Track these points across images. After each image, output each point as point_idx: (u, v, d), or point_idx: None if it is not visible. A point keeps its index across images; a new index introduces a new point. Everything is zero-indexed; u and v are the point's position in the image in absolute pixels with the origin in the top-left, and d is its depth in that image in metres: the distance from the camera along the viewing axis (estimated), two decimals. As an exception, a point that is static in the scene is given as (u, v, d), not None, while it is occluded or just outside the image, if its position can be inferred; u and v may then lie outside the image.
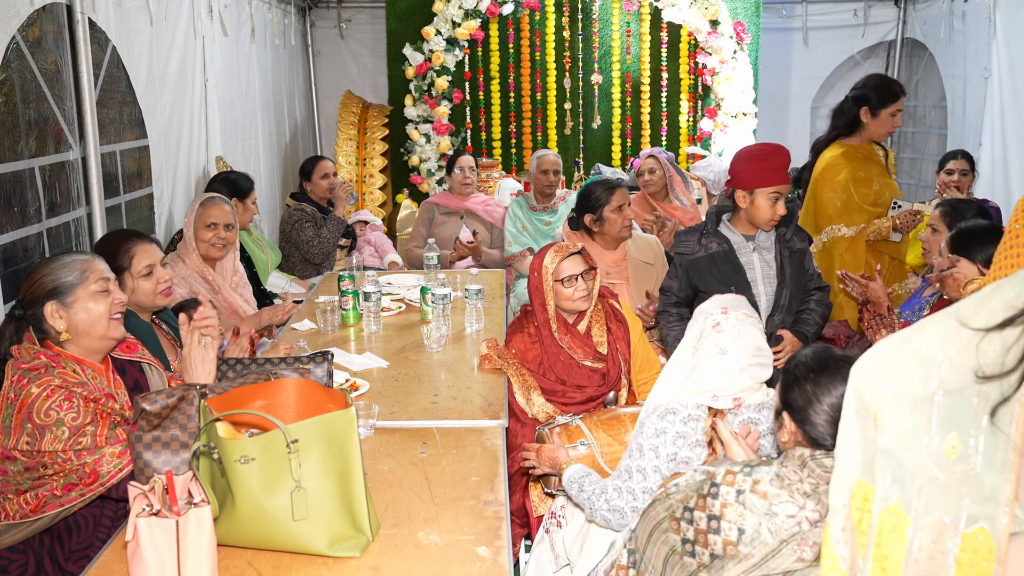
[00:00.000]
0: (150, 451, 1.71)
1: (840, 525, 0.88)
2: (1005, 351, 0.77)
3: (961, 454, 0.78)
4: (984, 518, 0.76)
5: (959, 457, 0.78)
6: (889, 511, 0.82)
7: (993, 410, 0.77)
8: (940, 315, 0.84)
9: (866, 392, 0.86)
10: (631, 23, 5.70)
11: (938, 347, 0.81)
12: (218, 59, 4.30)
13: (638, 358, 2.64)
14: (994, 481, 0.76)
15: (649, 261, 3.42)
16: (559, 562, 2.13)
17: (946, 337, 0.81)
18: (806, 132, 6.16)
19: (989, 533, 0.76)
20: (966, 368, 0.79)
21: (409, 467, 1.97)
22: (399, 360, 2.72)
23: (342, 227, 4.32)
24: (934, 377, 0.80)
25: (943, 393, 0.79)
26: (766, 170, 2.71)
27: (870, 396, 0.85)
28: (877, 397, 0.84)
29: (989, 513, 0.76)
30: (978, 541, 0.77)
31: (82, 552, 1.90)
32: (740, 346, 1.86)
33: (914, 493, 0.80)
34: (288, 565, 1.56)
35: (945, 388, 0.79)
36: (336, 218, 4.28)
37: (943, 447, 0.79)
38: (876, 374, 0.85)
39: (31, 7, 2.68)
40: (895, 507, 0.82)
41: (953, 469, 0.78)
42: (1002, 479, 0.76)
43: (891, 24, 5.96)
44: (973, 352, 0.79)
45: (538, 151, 4.57)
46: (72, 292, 1.91)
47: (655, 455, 1.88)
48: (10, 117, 2.81)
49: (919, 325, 0.86)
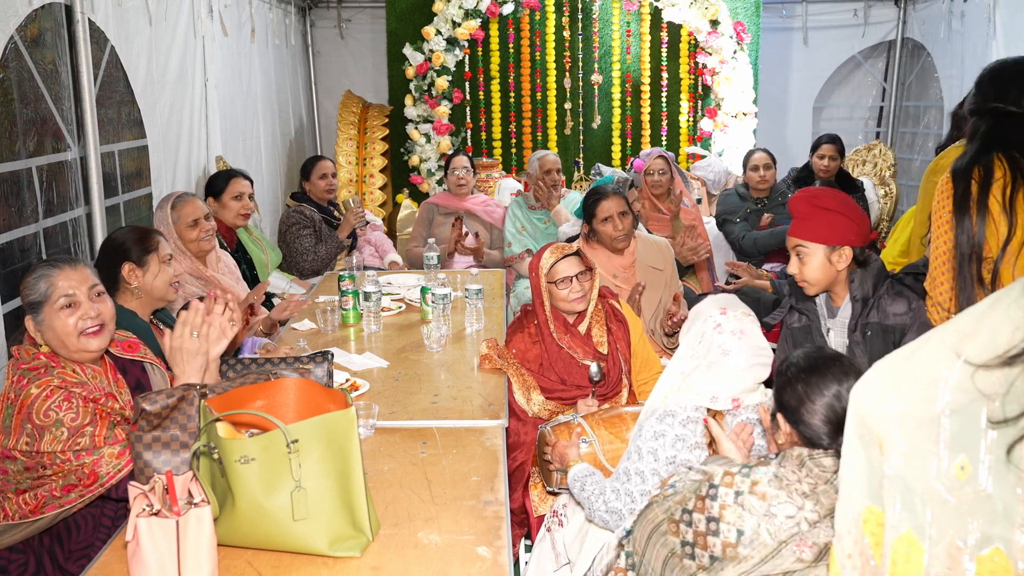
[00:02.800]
0: (150, 451, 1.71)
1: (847, 551, 0.86)
2: (1008, 384, 0.75)
3: (971, 475, 0.76)
4: (999, 539, 0.75)
5: (969, 479, 0.76)
6: (902, 540, 0.80)
7: (1009, 447, 0.75)
8: (934, 339, 0.83)
9: (868, 416, 0.84)
10: (631, 23, 5.70)
11: (937, 369, 0.80)
12: (218, 59, 4.30)
13: (638, 358, 2.64)
14: (1007, 500, 0.74)
15: (658, 267, 3.32)
16: (559, 561, 2.13)
17: (942, 361, 0.80)
18: (806, 132, 6.16)
19: (1005, 554, 0.74)
20: (969, 389, 0.77)
21: (409, 467, 1.96)
22: (399, 360, 2.72)
23: (341, 250, 4.29)
24: (939, 398, 0.78)
25: (949, 413, 0.78)
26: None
27: (873, 420, 0.83)
28: (881, 420, 0.82)
29: (1003, 534, 0.74)
30: (994, 563, 0.75)
31: (82, 552, 1.90)
32: (742, 346, 1.85)
33: (926, 519, 0.78)
34: (288, 565, 1.56)
35: (951, 408, 0.78)
36: (337, 239, 4.23)
37: (952, 470, 0.77)
38: (877, 397, 0.84)
39: (29, 7, 2.68)
40: (907, 535, 0.80)
41: (964, 491, 0.76)
42: (1014, 498, 0.74)
43: (891, 24, 5.96)
44: (970, 381, 0.77)
45: (537, 152, 4.56)
46: (41, 309, 1.88)
47: (654, 458, 1.87)
48: (7, 117, 2.80)
49: (914, 346, 0.84)
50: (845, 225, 2.19)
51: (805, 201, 2.22)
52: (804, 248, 2.22)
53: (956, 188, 2.06)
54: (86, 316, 1.89)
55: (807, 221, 2.20)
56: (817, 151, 4.63)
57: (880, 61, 6.23)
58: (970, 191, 2.03)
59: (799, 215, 2.22)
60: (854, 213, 2.22)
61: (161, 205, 3.12)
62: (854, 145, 5.73)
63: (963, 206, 2.03)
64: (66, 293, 1.88)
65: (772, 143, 5.32)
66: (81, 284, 1.92)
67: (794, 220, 2.24)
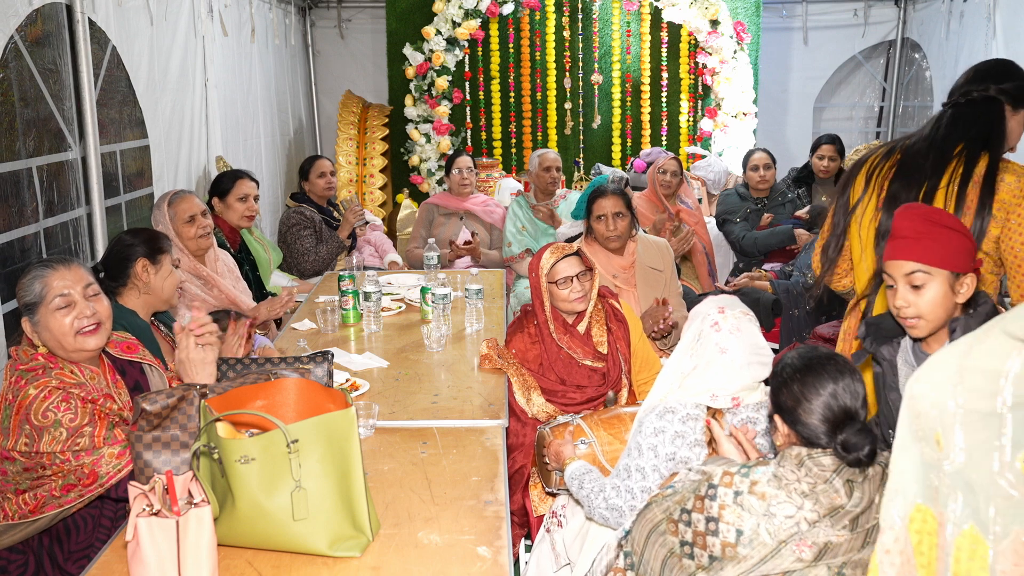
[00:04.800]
0: (150, 451, 1.71)
1: (886, 547, 0.85)
2: None
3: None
4: None
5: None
6: (965, 537, 0.78)
7: None
8: (995, 329, 0.80)
9: (925, 412, 0.81)
10: (631, 23, 5.70)
11: (1000, 360, 0.77)
12: (218, 59, 4.30)
13: (638, 358, 2.64)
14: None
15: (658, 267, 3.31)
16: (559, 561, 2.13)
17: (1005, 352, 0.77)
18: (806, 132, 6.16)
19: None
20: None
21: (409, 467, 1.96)
22: (399, 360, 2.72)
23: (342, 250, 4.30)
24: (1002, 392, 0.76)
25: (1012, 406, 0.75)
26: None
27: (930, 416, 0.81)
28: (939, 416, 0.80)
29: None
30: None
31: (81, 552, 1.90)
32: (740, 344, 1.86)
33: (989, 515, 0.76)
34: (288, 565, 1.56)
35: (1015, 401, 0.76)
36: (338, 239, 4.24)
37: (1016, 463, 0.75)
38: (936, 392, 0.81)
39: (29, 7, 2.68)
40: (971, 532, 0.78)
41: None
42: None
43: (891, 24, 5.96)
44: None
45: (538, 150, 4.58)
46: (36, 310, 1.88)
47: (654, 454, 1.88)
48: (7, 117, 2.81)
49: (971, 339, 0.81)
50: (969, 248, 1.77)
51: (920, 218, 1.77)
52: (924, 275, 1.74)
53: None
54: (82, 315, 1.89)
55: (925, 240, 1.75)
56: (817, 151, 4.64)
57: (880, 61, 6.23)
58: None
59: (912, 233, 1.76)
60: (971, 235, 1.82)
61: (158, 203, 3.13)
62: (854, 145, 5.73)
63: None
64: (61, 293, 1.88)
65: (772, 143, 5.32)
66: (76, 283, 1.92)
67: (902, 240, 1.77)
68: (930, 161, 2.12)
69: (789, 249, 4.41)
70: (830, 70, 6.15)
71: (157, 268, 2.42)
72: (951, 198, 2.08)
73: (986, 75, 2.16)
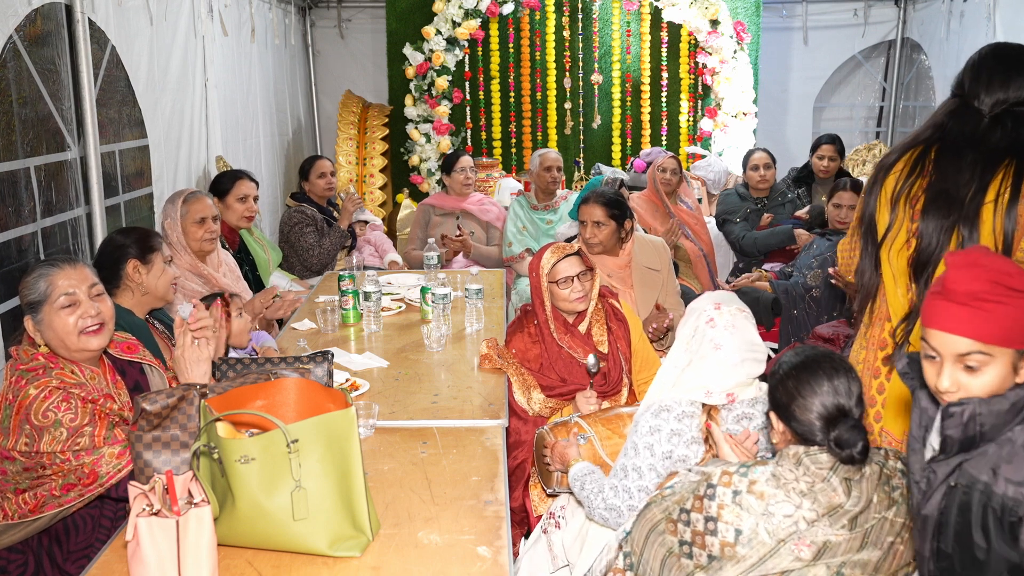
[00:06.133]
0: (150, 451, 1.71)
1: None
2: None
3: None
4: None
5: None
6: None
7: None
8: None
9: None
10: (631, 23, 5.70)
11: None
12: (218, 59, 4.30)
13: (639, 357, 2.64)
14: None
15: (655, 267, 3.30)
16: (557, 563, 2.13)
17: None
18: (806, 132, 6.15)
19: None
20: None
21: (409, 467, 1.96)
22: (399, 360, 2.72)
23: (345, 240, 4.31)
24: None
25: None
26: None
27: None
28: None
29: None
30: None
31: (81, 552, 1.90)
32: (734, 340, 1.86)
33: None
34: (288, 565, 1.56)
35: None
36: (339, 229, 4.26)
37: None
38: None
39: (29, 6, 2.68)
40: None
41: None
42: None
43: (891, 24, 5.96)
44: None
45: (539, 150, 4.58)
46: (40, 309, 1.88)
47: (650, 453, 1.88)
48: (5, 116, 2.80)
49: None
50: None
51: (984, 276, 1.30)
52: (983, 356, 1.29)
53: None
54: (86, 315, 1.90)
55: (989, 309, 1.28)
56: (817, 151, 4.64)
57: (880, 61, 6.23)
58: None
59: (969, 298, 1.29)
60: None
61: (172, 198, 3.17)
62: (854, 145, 5.73)
63: None
64: (66, 292, 1.89)
65: (772, 143, 5.32)
66: (81, 283, 1.92)
67: (955, 306, 1.31)
68: (975, 173, 1.89)
69: (789, 249, 4.41)
70: (830, 70, 6.15)
71: (149, 268, 2.41)
72: (1000, 212, 1.86)
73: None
